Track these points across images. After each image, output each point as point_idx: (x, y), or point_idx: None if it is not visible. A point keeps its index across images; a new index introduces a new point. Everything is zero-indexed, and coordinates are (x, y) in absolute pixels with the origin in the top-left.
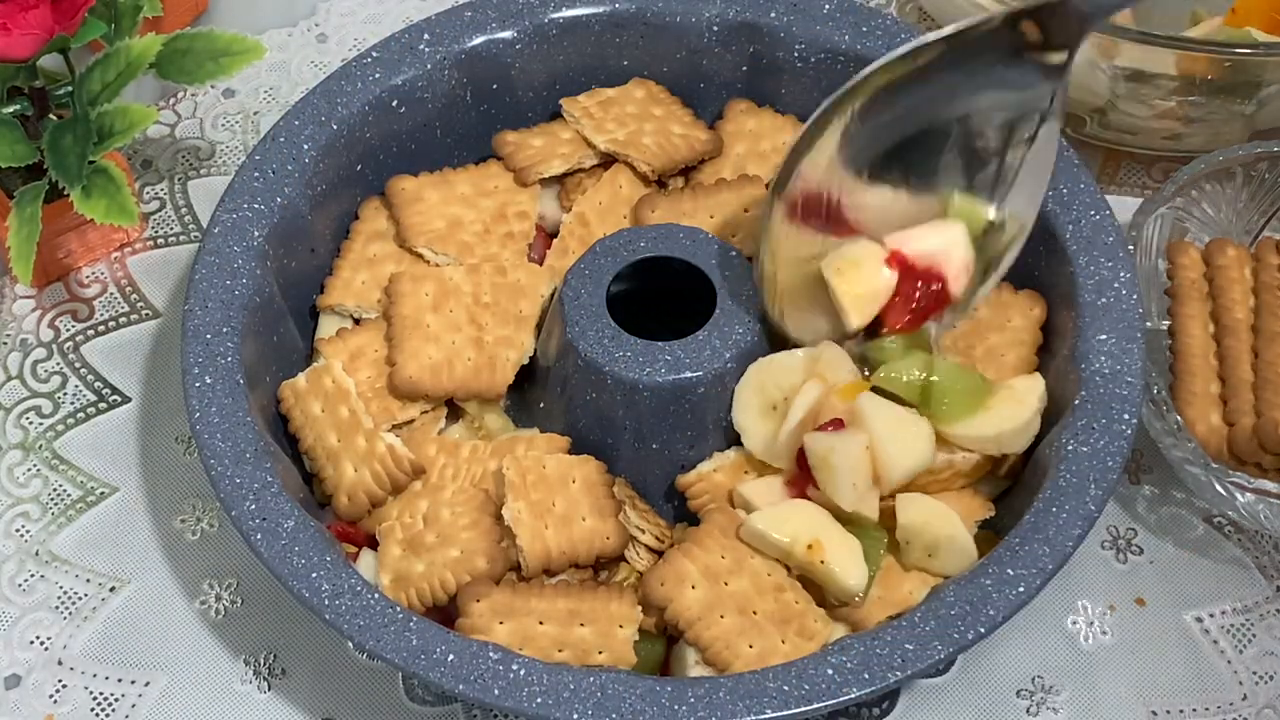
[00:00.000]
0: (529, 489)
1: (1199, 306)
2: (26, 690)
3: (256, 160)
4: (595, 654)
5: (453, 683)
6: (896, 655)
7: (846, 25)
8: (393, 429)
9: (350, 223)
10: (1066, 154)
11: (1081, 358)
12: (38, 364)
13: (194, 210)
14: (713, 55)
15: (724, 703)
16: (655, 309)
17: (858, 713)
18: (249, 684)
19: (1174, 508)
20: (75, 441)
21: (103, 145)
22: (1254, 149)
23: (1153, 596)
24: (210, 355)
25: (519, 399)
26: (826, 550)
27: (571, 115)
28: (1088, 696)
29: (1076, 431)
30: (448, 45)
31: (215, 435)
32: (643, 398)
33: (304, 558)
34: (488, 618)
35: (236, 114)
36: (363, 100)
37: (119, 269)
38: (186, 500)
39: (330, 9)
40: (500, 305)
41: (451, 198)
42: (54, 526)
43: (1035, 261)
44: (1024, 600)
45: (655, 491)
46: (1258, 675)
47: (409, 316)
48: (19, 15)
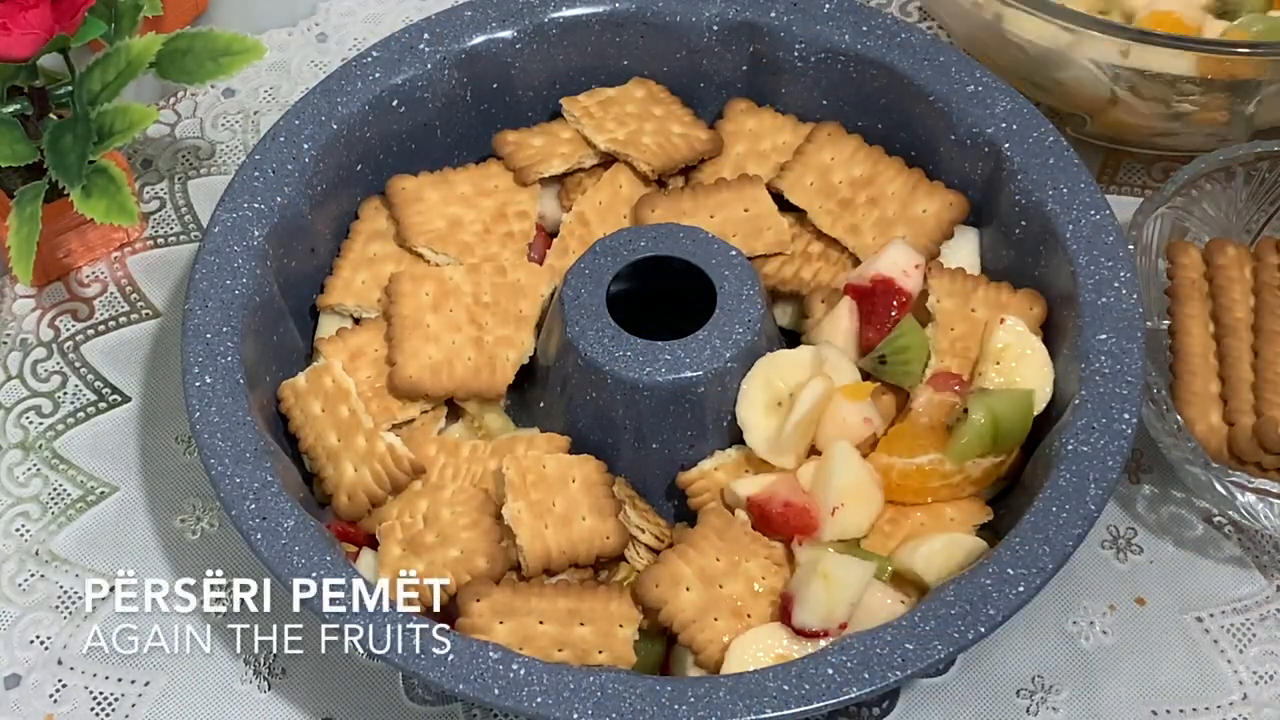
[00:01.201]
0: (529, 489)
1: (1199, 306)
2: (26, 690)
3: (256, 160)
4: (595, 653)
5: (453, 682)
6: (896, 655)
7: (846, 25)
8: (393, 429)
9: (350, 222)
10: (1066, 154)
11: (1081, 357)
12: (38, 363)
13: (194, 210)
14: (713, 55)
15: (724, 702)
16: (655, 309)
17: (858, 712)
18: (249, 684)
19: (1174, 507)
20: (75, 441)
21: (103, 145)
22: (1254, 149)
23: (1153, 596)
24: (210, 355)
25: (519, 399)
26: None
27: (571, 115)
28: (1088, 696)
29: (1076, 431)
30: (448, 45)
31: (215, 435)
32: (643, 397)
33: (304, 558)
34: (488, 617)
35: (236, 114)
36: (363, 100)
37: (119, 269)
38: (186, 500)
39: (330, 9)
40: (500, 305)
41: (451, 197)
42: (54, 526)
43: (1035, 261)
44: (1024, 600)
45: (655, 491)
46: (1258, 675)
47: (409, 316)
48: (19, 15)
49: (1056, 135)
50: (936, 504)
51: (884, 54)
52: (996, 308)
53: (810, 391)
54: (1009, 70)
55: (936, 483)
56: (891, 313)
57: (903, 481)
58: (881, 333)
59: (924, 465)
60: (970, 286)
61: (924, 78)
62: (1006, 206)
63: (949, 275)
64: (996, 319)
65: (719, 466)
